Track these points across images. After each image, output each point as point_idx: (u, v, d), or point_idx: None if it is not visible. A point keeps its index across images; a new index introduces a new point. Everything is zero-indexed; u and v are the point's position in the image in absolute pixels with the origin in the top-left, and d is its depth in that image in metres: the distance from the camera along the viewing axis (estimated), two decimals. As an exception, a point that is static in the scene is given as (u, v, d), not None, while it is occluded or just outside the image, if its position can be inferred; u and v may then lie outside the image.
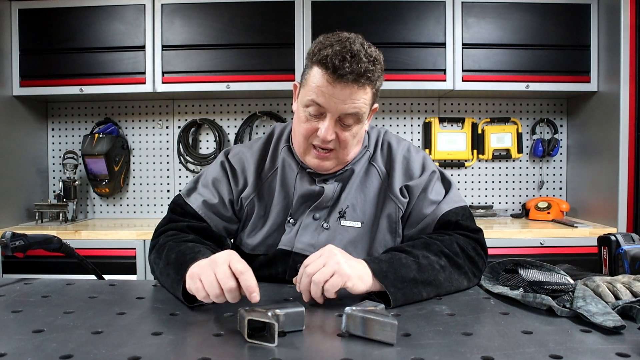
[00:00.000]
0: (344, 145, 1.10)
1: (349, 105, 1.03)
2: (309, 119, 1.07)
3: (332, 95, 1.02)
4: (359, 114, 1.05)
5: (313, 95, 1.03)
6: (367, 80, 1.02)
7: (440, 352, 0.71)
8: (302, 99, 1.08)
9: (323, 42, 1.04)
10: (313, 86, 1.03)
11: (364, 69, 1.00)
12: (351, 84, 1.01)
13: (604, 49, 2.43)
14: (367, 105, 1.07)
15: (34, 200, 2.69)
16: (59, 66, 2.50)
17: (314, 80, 1.03)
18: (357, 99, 1.03)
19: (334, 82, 1.00)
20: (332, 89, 1.01)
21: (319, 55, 1.02)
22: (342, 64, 0.99)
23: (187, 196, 1.20)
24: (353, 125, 1.07)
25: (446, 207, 1.15)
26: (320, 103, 1.03)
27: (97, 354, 0.69)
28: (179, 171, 2.86)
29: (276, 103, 2.83)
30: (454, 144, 2.82)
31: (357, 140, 1.13)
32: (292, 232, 1.17)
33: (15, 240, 1.15)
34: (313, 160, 1.12)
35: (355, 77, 1.00)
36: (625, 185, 2.31)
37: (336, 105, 1.03)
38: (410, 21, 2.45)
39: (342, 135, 1.08)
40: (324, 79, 1.01)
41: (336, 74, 0.99)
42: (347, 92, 1.01)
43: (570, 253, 2.27)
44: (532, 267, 1.00)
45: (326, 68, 1.00)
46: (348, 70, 0.99)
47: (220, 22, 2.46)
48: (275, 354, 0.70)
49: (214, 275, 0.85)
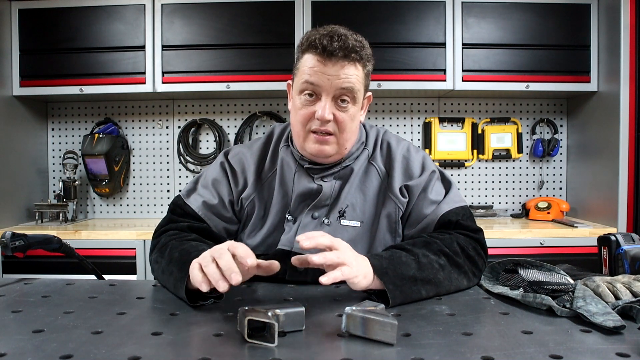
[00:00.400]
0: (342, 128, 1.10)
1: (342, 79, 1.06)
2: (305, 104, 1.09)
3: (324, 72, 1.05)
4: (353, 89, 1.07)
5: (307, 76, 1.07)
6: (357, 56, 1.06)
7: (440, 352, 0.71)
8: (296, 87, 1.11)
9: (310, 32, 1.10)
10: (305, 69, 1.07)
11: (351, 45, 1.04)
12: (342, 60, 1.05)
13: (604, 49, 2.43)
14: (361, 83, 1.09)
15: (34, 200, 2.69)
16: (59, 66, 2.50)
17: (305, 64, 1.08)
18: (349, 74, 1.06)
19: (324, 60, 1.05)
20: (323, 67, 1.05)
21: (307, 42, 1.07)
22: (330, 42, 1.03)
23: (187, 197, 1.20)
24: (349, 104, 1.09)
25: (446, 207, 1.15)
26: (314, 82, 1.06)
27: (97, 354, 0.69)
28: (179, 171, 2.86)
29: (276, 103, 2.83)
30: (454, 144, 2.82)
31: (355, 126, 1.14)
32: (292, 232, 1.17)
33: (15, 240, 1.15)
34: (313, 145, 1.12)
35: (345, 53, 1.04)
36: (625, 185, 2.31)
37: (330, 82, 1.05)
38: (410, 21, 2.45)
39: (339, 116, 1.09)
40: (315, 59, 1.06)
41: (326, 52, 1.04)
42: (339, 68, 1.05)
43: (570, 253, 2.27)
44: (532, 267, 1.00)
45: (315, 48, 1.05)
46: (337, 46, 1.03)
47: (220, 22, 2.46)
48: (275, 354, 0.70)
49: (210, 256, 0.85)
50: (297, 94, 1.11)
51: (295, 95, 1.13)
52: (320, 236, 0.89)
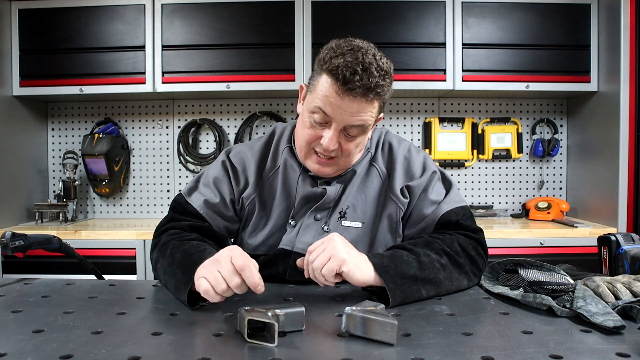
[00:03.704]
0: (347, 154, 1.10)
1: (355, 117, 1.02)
2: (314, 126, 1.06)
3: (340, 106, 1.01)
4: (364, 126, 1.05)
5: (320, 103, 1.02)
6: (376, 95, 1.01)
7: (440, 352, 0.71)
8: (309, 105, 1.06)
9: (335, 49, 1.02)
10: (321, 94, 1.02)
11: (374, 84, 0.98)
12: (360, 98, 1.00)
13: (604, 49, 2.43)
14: (373, 118, 1.07)
15: (34, 200, 2.69)
16: (59, 66, 2.50)
17: (322, 88, 1.02)
18: (364, 113, 1.02)
19: (342, 94, 0.99)
20: (340, 100, 1.00)
21: (329, 64, 0.99)
22: (352, 76, 0.97)
23: (188, 195, 1.20)
24: (357, 136, 1.07)
25: (447, 207, 1.15)
26: (326, 112, 1.02)
27: (97, 354, 0.69)
28: (179, 171, 2.86)
29: (276, 103, 2.83)
30: (454, 144, 2.82)
31: (360, 149, 1.14)
32: (293, 232, 1.17)
33: (15, 240, 1.15)
34: (314, 165, 1.12)
35: (365, 92, 0.99)
36: (625, 185, 2.31)
37: (342, 117, 1.02)
38: (410, 21, 2.45)
39: (345, 146, 1.07)
40: (333, 89, 1.00)
41: (346, 87, 0.98)
42: (355, 106, 1.00)
43: (570, 253, 2.27)
44: (532, 267, 1.00)
45: (336, 79, 0.98)
46: (358, 85, 0.97)
47: (220, 22, 2.46)
48: (275, 354, 0.70)
49: (219, 274, 0.87)
50: (307, 111, 1.07)
51: (305, 109, 1.09)
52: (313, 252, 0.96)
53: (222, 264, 0.87)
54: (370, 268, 0.94)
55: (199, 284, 0.88)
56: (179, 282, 0.95)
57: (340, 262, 0.91)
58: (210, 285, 0.87)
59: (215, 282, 0.86)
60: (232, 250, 0.89)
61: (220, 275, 0.86)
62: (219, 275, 0.87)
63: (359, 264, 0.94)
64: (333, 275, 0.92)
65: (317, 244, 0.96)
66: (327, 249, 0.93)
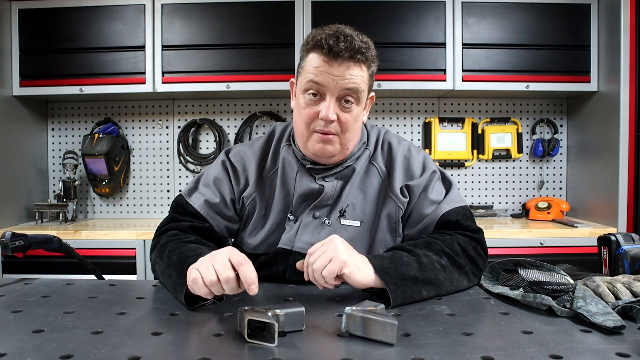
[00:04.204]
0: (345, 128, 1.10)
1: (347, 80, 1.05)
2: (309, 104, 1.09)
3: (330, 73, 1.05)
4: (358, 90, 1.07)
5: (312, 76, 1.06)
6: (362, 57, 1.06)
7: (440, 352, 0.71)
8: (301, 86, 1.10)
9: (316, 31, 1.09)
10: (311, 68, 1.06)
11: (358, 46, 1.04)
12: (348, 61, 1.04)
13: (604, 49, 2.43)
14: (365, 84, 1.09)
15: (34, 200, 2.69)
16: (59, 66, 2.50)
17: (311, 63, 1.07)
18: (355, 75, 1.06)
19: (330, 61, 1.04)
20: (329, 67, 1.04)
21: (312, 41, 1.06)
22: (336, 43, 1.03)
23: (189, 196, 1.20)
24: (353, 105, 1.09)
25: (446, 206, 1.15)
26: (319, 82, 1.06)
27: (97, 354, 0.69)
28: (179, 171, 2.86)
29: (276, 103, 2.83)
30: (454, 144, 2.82)
31: (357, 126, 1.14)
32: (292, 231, 1.17)
33: (15, 240, 1.15)
34: (316, 145, 1.11)
35: (351, 54, 1.04)
36: (625, 185, 2.31)
37: (335, 82, 1.05)
38: (410, 21, 2.45)
39: (343, 117, 1.09)
40: (321, 59, 1.05)
41: (332, 52, 1.03)
42: (344, 68, 1.05)
43: (570, 253, 2.27)
44: (532, 267, 1.00)
45: (321, 48, 1.04)
46: (343, 47, 1.03)
47: (220, 22, 2.46)
48: (275, 354, 0.70)
49: (212, 266, 0.85)
50: (301, 93, 1.10)
51: (299, 93, 1.12)
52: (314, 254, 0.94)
53: (218, 258, 0.86)
54: (370, 270, 0.94)
55: (189, 274, 0.87)
56: (175, 284, 0.95)
57: (342, 264, 0.91)
58: (199, 274, 0.85)
59: (205, 272, 0.85)
60: (230, 249, 0.89)
61: (213, 267, 0.85)
62: (211, 267, 0.85)
63: (359, 266, 0.93)
64: (334, 277, 0.91)
65: (318, 246, 0.95)
66: (327, 251, 0.92)
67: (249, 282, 0.83)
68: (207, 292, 0.85)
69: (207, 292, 0.85)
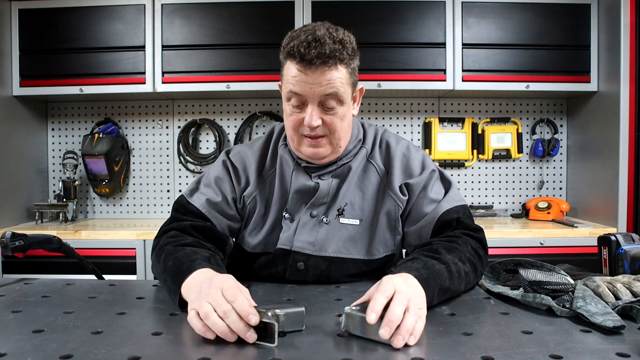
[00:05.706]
0: (333, 129, 1.10)
1: (325, 87, 1.05)
2: (294, 111, 1.09)
3: (306, 82, 1.04)
4: (337, 93, 1.06)
5: (290, 86, 1.06)
6: (335, 60, 1.04)
7: (440, 352, 0.71)
8: (283, 94, 1.11)
9: (291, 35, 1.08)
10: (289, 78, 1.07)
11: (329, 50, 1.02)
12: (321, 67, 1.03)
13: (604, 49, 2.43)
14: (345, 85, 1.08)
15: (34, 200, 2.69)
16: (59, 66, 2.50)
17: (288, 73, 1.07)
18: (331, 80, 1.05)
19: (304, 69, 1.04)
20: (304, 76, 1.04)
21: (287, 48, 1.06)
22: (307, 50, 1.02)
23: (190, 196, 1.20)
24: (336, 107, 1.08)
25: (447, 205, 1.15)
26: (297, 92, 1.06)
27: (97, 354, 0.69)
28: (179, 171, 2.86)
29: (276, 103, 2.83)
30: (454, 144, 2.82)
31: (346, 124, 1.14)
32: (291, 231, 1.17)
33: (15, 240, 1.16)
34: (308, 149, 1.13)
35: (324, 60, 1.02)
36: (625, 185, 2.31)
37: (312, 90, 1.05)
38: (410, 21, 2.45)
39: (328, 119, 1.09)
40: (295, 68, 1.05)
41: (304, 61, 1.02)
42: (318, 75, 1.04)
43: (570, 253, 2.27)
44: (532, 267, 1.00)
45: (294, 58, 1.04)
46: (315, 54, 1.01)
47: (220, 22, 2.46)
48: (275, 354, 0.70)
49: (209, 305, 0.77)
50: (285, 100, 1.11)
51: (284, 100, 1.12)
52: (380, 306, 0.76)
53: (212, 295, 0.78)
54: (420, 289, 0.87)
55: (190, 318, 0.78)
56: (169, 290, 0.96)
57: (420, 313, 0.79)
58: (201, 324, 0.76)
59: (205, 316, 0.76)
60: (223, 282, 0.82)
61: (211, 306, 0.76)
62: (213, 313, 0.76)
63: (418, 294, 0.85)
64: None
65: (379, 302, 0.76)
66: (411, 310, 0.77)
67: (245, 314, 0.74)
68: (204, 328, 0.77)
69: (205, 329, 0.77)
